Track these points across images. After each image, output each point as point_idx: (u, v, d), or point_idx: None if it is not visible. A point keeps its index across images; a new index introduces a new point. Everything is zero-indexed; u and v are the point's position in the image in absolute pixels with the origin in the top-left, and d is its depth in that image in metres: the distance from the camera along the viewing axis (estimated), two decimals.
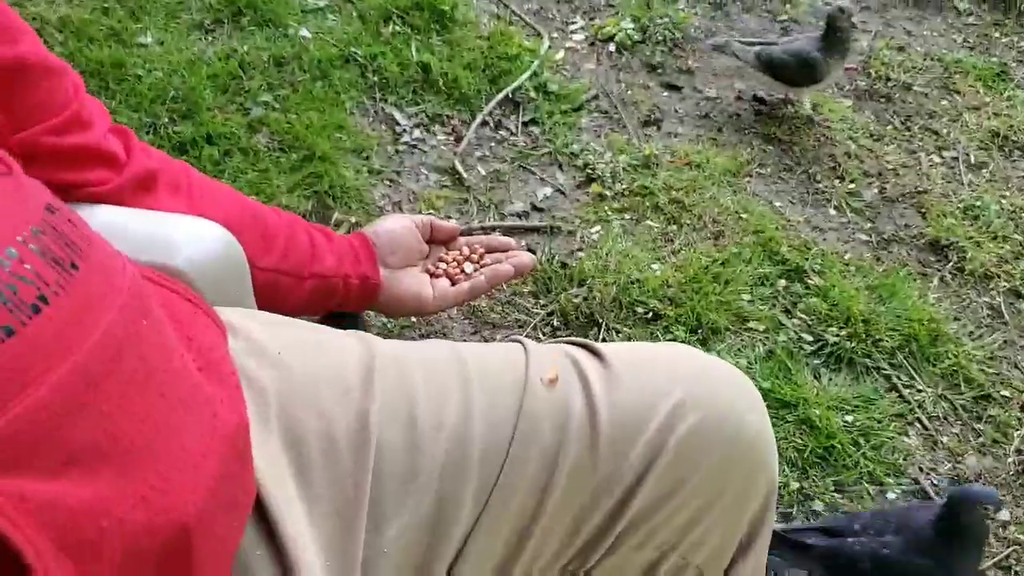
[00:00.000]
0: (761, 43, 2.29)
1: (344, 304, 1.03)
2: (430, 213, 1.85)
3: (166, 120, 1.93)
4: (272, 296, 0.93)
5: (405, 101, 2.12)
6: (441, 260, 1.08)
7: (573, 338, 0.83)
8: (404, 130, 2.06)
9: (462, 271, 1.07)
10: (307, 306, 0.99)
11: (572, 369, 0.77)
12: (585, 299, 1.72)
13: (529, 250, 1.82)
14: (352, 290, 1.01)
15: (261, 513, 0.64)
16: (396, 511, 0.69)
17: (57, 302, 0.49)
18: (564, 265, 1.78)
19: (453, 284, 1.06)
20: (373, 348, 0.77)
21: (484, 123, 2.09)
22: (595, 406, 0.74)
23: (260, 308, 0.95)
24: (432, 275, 1.07)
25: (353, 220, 1.84)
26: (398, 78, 2.15)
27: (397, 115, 2.09)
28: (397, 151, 2.03)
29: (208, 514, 0.54)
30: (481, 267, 1.08)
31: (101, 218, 0.69)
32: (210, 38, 2.20)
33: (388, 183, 1.96)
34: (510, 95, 2.14)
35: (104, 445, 0.49)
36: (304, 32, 2.22)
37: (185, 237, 0.80)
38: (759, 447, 0.78)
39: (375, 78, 2.15)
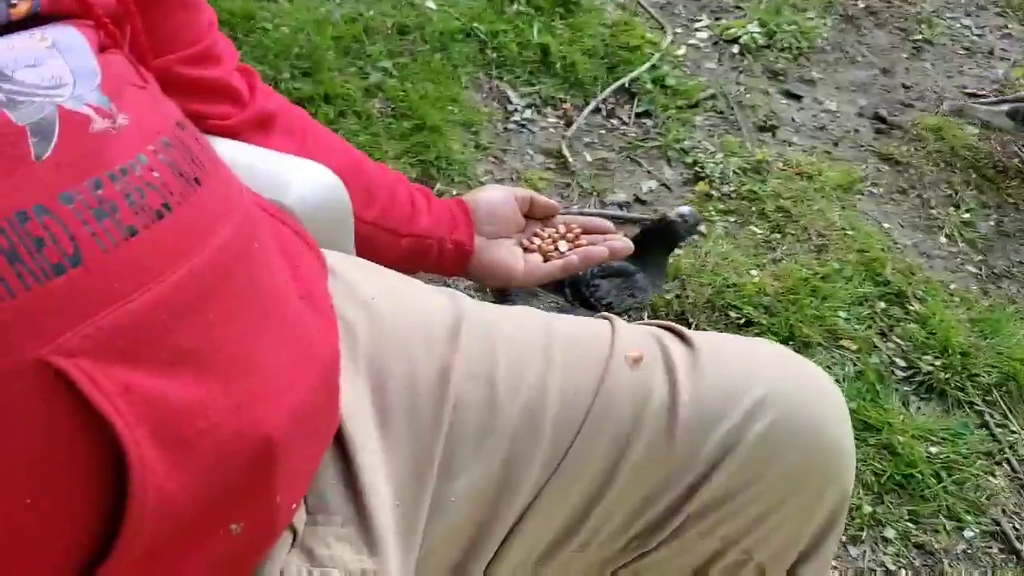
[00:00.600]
0: (1012, 100, 2.18)
1: (438, 267, 1.04)
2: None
3: (287, 76, 1.98)
4: (370, 249, 0.95)
5: (520, 81, 2.13)
6: (536, 235, 1.08)
7: (663, 321, 0.83)
8: (516, 109, 2.08)
9: (556, 248, 1.07)
10: (402, 263, 1.00)
11: (658, 351, 0.77)
12: (678, 296, 1.71)
13: None
14: (446, 254, 1.02)
15: (341, 444, 0.66)
16: (466, 465, 0.70)
17: (179, 212, 0.51)
18: None
19: (546, 260, 1.06)
20: (462, 306, 0.78)
21: (597, 110, 2.09)
22: (677, 391, 0.73)
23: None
24: (526, 249, 1.07)
25: (454, 192, 1.87)
26: (516, 57, 2.16)
27: (511, 93, 2.11)
28: (506, 129, 2.04)
29: (292, 434, 0.56)
30: (576, 247, 1.07)
31: (220, 149, 0.72)
32: (338, 1, 2.25)
33: (493, 160, 1.97)
34: (626, 85, 2.14)
35: (208, 351, 0.51)
36: (430, 3, 2.25)
37: (298, 177, 0.82)
38: (836, 457, 0.76)
39: (493, 55, 2.17)
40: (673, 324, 0.81)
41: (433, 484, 0.69)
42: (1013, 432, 1.61)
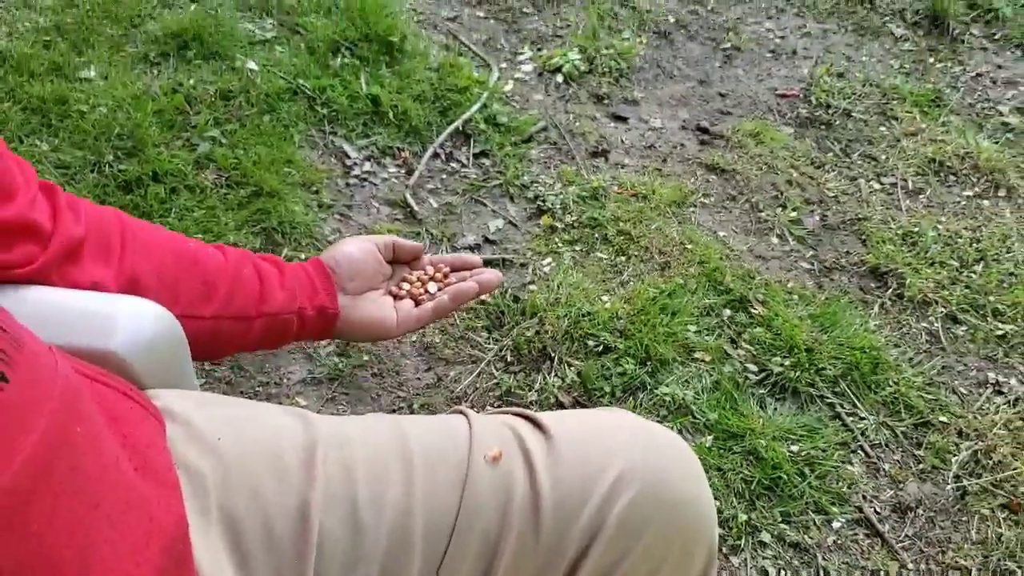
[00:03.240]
0: None
1: (302, 336, 0.98)
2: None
3: (111, 158, 1.91)
4: (221, 342, 0.90)
5: (355, 134, 2.13)
6: (404, 280, 1.04)
7: (515, 408, 0.84)
8: (355, 163, 2.07)
9: (426, 291, 1.03)
10: (262, 344, 0.96)
11: (516, 445, 0.78)
12: (537, 333, 1.74)
13: None
14: (308, 323, 0.97)
15: None
16: None
17: None
18: (516, 299, 1.80)
19: (417, 305, 1.02)
20: (312, 428, 0.77)
21: (435, 155, 2.11)
22: (538, 485, 0.75)
23: (212, 356, 0.94)
24: (395, 296, 1.02)
25: (303, 256, 1.84)
26: (347, 110, 2.15)
27: (347, 147, 2.10)
28: (348, 184, 2.03)
29: None
30: (445, 286, 1.03)
31: (32, 300, 0.67)
32: (155, 71, 2.19)
33: (339, 217, 1.96)
34: (460, 127, 2.16)
35: (33, 564, 0.49)
36: (251, 64, 2.22)
37: (121, 319, 0.76)
38: (697, 515, 0.79)
39: (324, 111, 2.15)
40: (526, 411, 0.83)
41: None
42: (863, 419, 1.72)
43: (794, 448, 1.64)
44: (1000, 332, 1.93)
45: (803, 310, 1.90)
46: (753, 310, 1.89)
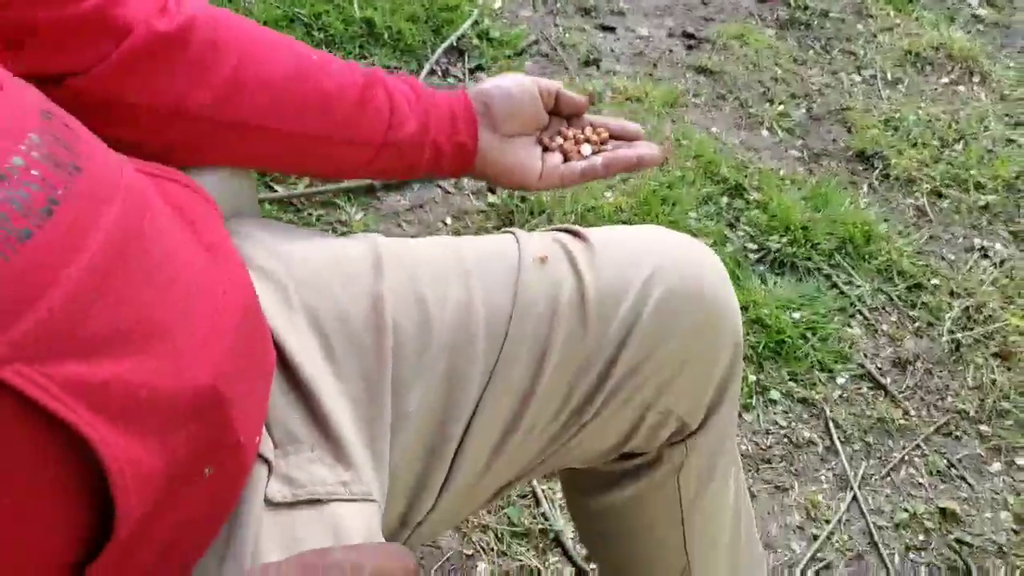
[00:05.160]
0: None
1: (437, 169, 0.92)
2: None
3: None
4: (335, 164, 0.87)
5: (352, 56, 2.19)
6: (560, 134, 0.95)
7: (557, 226, 0.92)
8: None
9: (579, 152, 0.94)
10: (389, 172, 0.91)
11: (560, 249, 0.86)
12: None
13: (489, 188, 1.92)
14: (444, 157, 0.90)
15: (296, 382, 0.73)
16: (414, 380, 0.78)
17: (65, 204, 0.52)
18: (523, 199, 1.88)
19: (566, 162, 0.94)
20: (375, 242, 0.84)
21: (432, 72, 2.17)
22: (582, 279, 0.83)
23: (325, 175, 0.95)
24: (545, 148, 0.94)
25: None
26: (343, 34, 2.21)
27: None
28: None
29: (229, 376, 0.61)
30: (601, 151, 0.94)
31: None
32: None
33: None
34: (454, 43, 2.22)
35: (126, 328, 0.54)
36: None
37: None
38: (723, 310, 0.87)
39: (321, 35, 2.21)
40: (567, 226, 0.91)
41: (389, 402, 0.76)
42: (858, 286, 1.82)
43: (796, 315, 1.73)
44: (983, 203, 2.04)
45: (796, 194, 1.99)
46: (749, 196, 1.98)
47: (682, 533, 0.96)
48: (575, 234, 0.89)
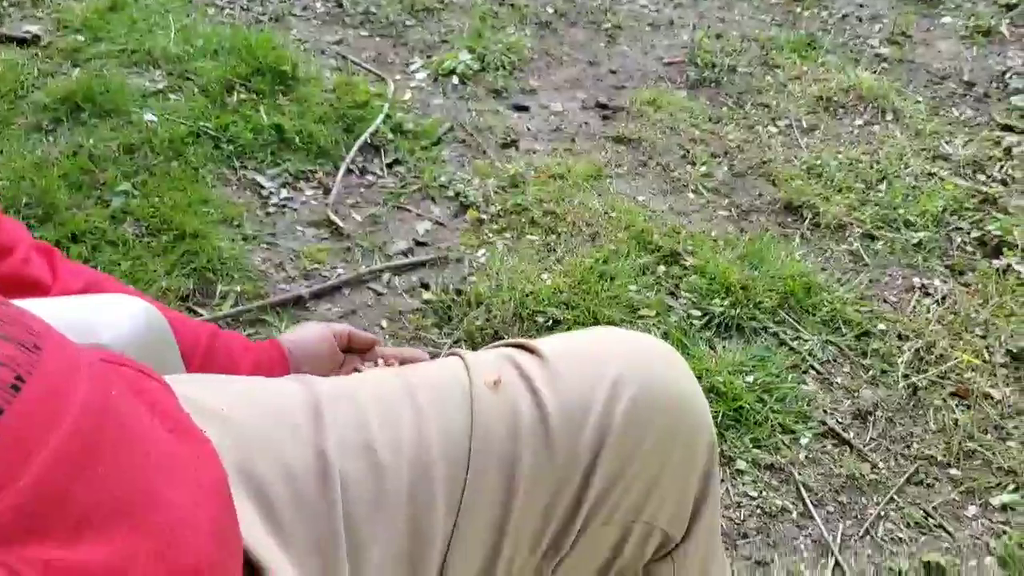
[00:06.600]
0: None
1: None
2: (343, 323, 1.87)
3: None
4: None
5: (265, 164, 2.13)
6: (355, 370, 1.07)
7: (504, 340, 0.87)
8: (270, 192, 2.07)
9: None
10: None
11: (512, 369, 0.81)
12: (487, 319, 1.77)
13: (422, 285, 1.86)
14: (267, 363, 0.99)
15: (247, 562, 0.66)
16: (373, 536, 0.72)
17: (32, 381, 0.51)
18: (459, 292, 1.83)
19: None
20: (314, 386, 0.79)
21: (349, 171, 2.12)
22: (542, 402, 0.78)
23: None
24: None
25: (239, 289, 1.84)
26: (253, 143, 2.16)
27: (260, 179, 2.10)
28: (268, 214, 2.03)
29: (218, 562, 0.56)
30: None
31: (26, 307, 0.69)
32: (51, 138, 2.15)
33: (265, 247, 1.96)
34: (368, 140, 2.18)
35: (108, 505, 0.51)
36: (149, 116, 2.20)
37: (107, 314, 0.80)
38: (695, 409, 0.84)
39: (230, 147, 2.15)
40: (516, 340, 0.86)
41: (346, 564, 0.70)
42: (806, 340, 1.79)
43: (749, 379, 1.70)
44: (915, 240, 2.04)
45: (731, 253, 1.97)
46: (685, 262, 1.95)
47: None
48: (526, 348, 0.84)
